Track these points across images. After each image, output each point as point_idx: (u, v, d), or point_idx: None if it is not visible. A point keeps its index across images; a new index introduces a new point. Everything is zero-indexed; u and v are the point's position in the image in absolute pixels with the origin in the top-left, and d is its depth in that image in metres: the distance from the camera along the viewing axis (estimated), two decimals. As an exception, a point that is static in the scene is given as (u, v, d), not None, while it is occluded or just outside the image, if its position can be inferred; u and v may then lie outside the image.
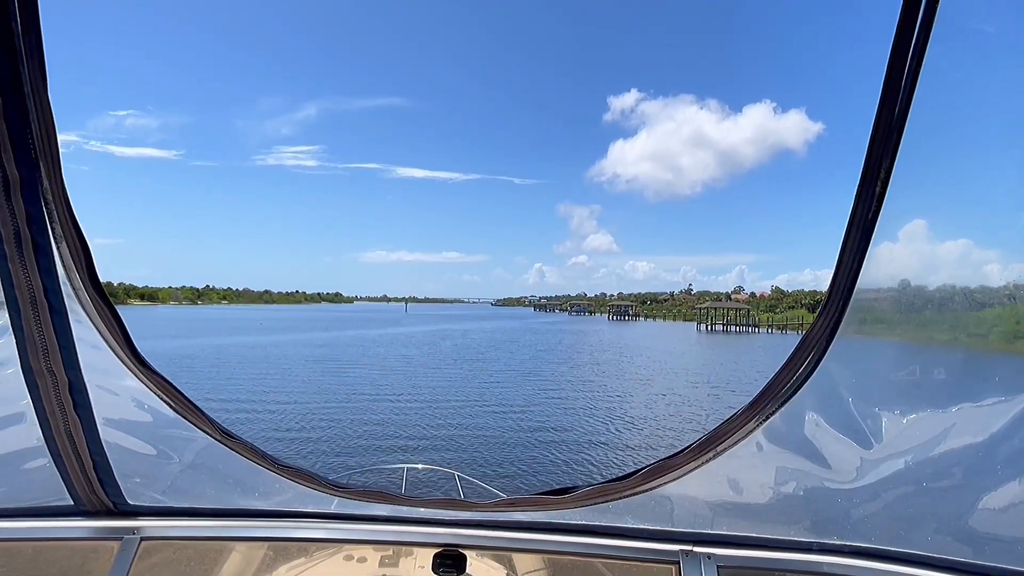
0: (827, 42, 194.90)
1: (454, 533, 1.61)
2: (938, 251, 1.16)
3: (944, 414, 1.26)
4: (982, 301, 1.16)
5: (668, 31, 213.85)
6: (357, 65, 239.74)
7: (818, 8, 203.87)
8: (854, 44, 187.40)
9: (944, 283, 1.18)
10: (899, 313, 1.26)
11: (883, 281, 1.19)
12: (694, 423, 14.50)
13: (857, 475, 1.36)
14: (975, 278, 1.14)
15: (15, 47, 0.97)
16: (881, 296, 1.22)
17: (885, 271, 1.16)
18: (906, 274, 1.20)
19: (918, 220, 1.13)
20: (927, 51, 0.95)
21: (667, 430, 13.86)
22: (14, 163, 1.05)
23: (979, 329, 1.19)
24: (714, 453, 1.40)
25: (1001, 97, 1.07)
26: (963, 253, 1.13)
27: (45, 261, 1.18)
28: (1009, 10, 1.04)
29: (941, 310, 1.21)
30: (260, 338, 42.45)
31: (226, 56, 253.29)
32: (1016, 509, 1.17)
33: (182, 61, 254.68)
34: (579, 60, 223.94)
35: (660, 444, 12.29)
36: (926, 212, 1.14)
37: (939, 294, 1.20)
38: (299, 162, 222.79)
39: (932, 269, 1.17)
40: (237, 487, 1.73)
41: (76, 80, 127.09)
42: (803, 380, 1.28)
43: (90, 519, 1.60)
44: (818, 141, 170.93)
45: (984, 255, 1.13)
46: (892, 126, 1.00)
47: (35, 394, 1.33)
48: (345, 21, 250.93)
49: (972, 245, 1.14)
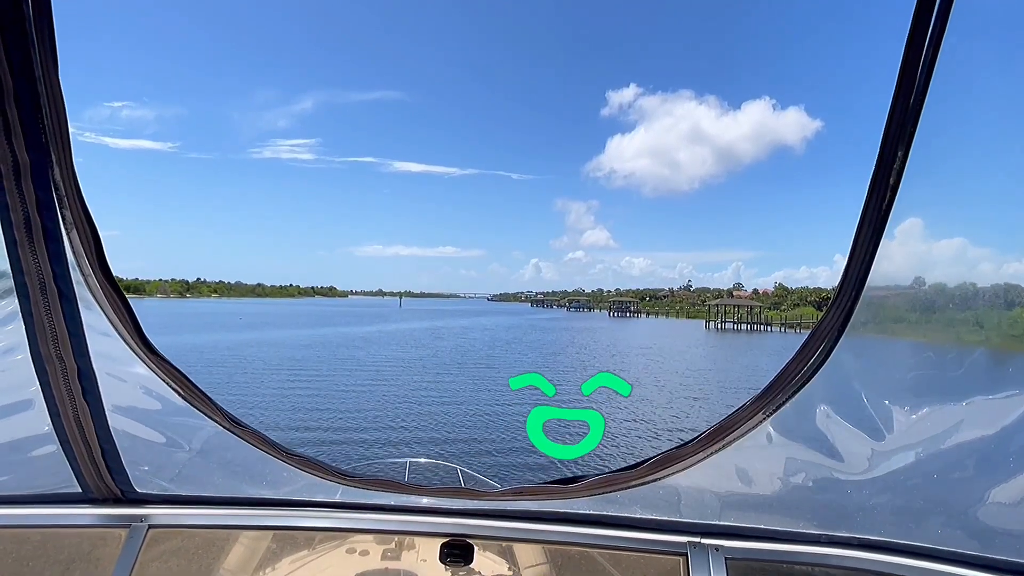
0: (829, 40, 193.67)
1: (460, 523, 1.62)
2: (943, 249, 1.16)
3: (955, 407, 1.26)
4: (995, 299, 1.15)
5: (668, 26, 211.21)
6: (354, 58, 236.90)
7: (822, 6, 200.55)
8: (856, 42, 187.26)
9: (957, 281, 1.18)
10: (911, 307, 1.26)
11: (894, 275, 1.19)
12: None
13: (867, 467, 1.36)
14: (989, 277, 1.14)
15: (27, 31, 0.97)
16: (892, 290, 1.22)
17: (897, 266, 1.16)
18: (916, 269, 1.20)
19: (914, 219, 1.13)
20: (943, 42, 0.95)
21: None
22: (25, 148, 1.05)
23: (994, 325, 1.19)
24: (723, 444, 1.40)
25: (1016, 93, 1.06)
26: (971, 252, 1.13)
27: (55, 247, 1.18)
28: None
29: (954, 306, 1.21)
30: (238, 335, 37.75)
31: (223, 48, 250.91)
32: None
33: (178, 53, 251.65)
34: (578, 55, 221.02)
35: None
36: (928, 209, 1.14)
37: (952, 290, 1.20)
38: (295, 155, 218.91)
39: (942, 265, 1.17)
40: (245, 476, 1.73)
41: (71, 71, 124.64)
42: (814, 371, 1.29)
43: (98, 506, 1.61)
44: (817, 139, 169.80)
45: (985, 253, 1.13)
46: (906, 118, 1.01)
47: (44, 380, 1.34)
48: (342, 13, 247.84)
49: (978, 245, 1.14)
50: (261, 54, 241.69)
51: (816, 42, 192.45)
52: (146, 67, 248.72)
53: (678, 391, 19.22)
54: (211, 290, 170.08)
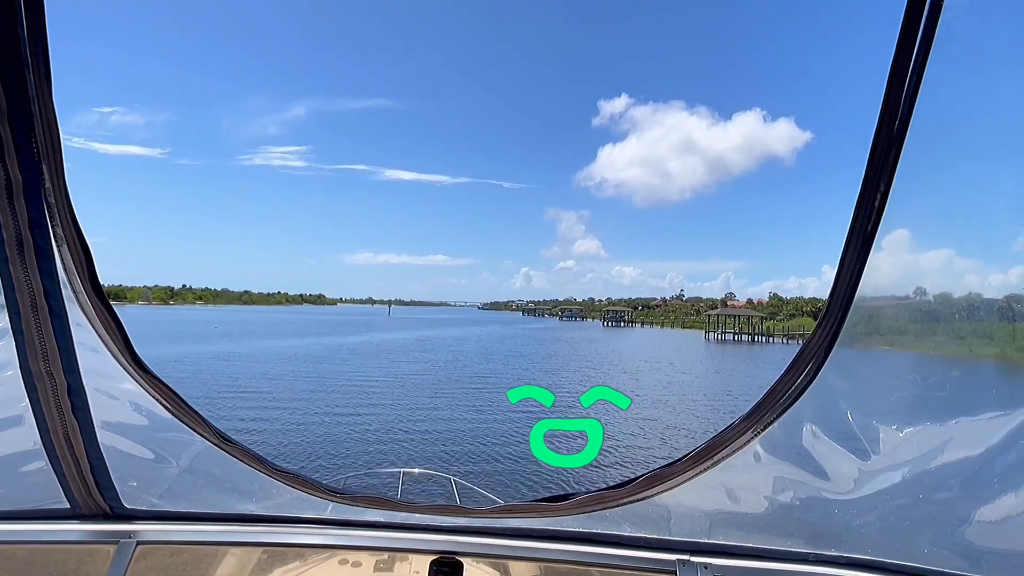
0: (820, 52, 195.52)
1: (450, 540, 1.62)
2: (931, 263, 1.17)
3: (942, 426, 1.27)
4: (980, 312, 1.17)
5: (660, 37, 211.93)
6: (346, 66, 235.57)
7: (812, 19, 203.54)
8: (846, 54, 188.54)
9: (941, 293, 1.20)
10: (898, 325, 1.29)
11: (882, 293, 1.21)
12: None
13: (854, 486, 1.37)
14: (973, 288, 1.15)
15: (21, 53, 1.00)
16: (880, 308, 1.25)
17: (884, 282, 1.18)
18: (904, 286, 1.22)
19: (901, 230, 1.14)
20: (927, 66, 0.98)
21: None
22: (17, 167, 1.08)
23: (981, 342, 1.21)
24: (712, 462, 1.42)
25: (1001, 111, 1.10)
26: (959, 266, 1.15)
27: (46, 264, 1.19)
28: (1010, 27, 1.06)
29: (941, 322, 1.24)
30: (210, 347, 34.16)
31: (214, 54, 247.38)
32: (1013, 522, 1.17)
33: (169, 58, 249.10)
34: (570, 64, 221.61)
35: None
36: (917, 223, 1.17)
37: (938, 306, 1.22)
38: (286, 162, 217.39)
39: (929, 281, 1.19)
40: (234, 492, 1.74)
41: (60, 76, 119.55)
42: (801, 390, 1.31)
43: (86, 522, 1.60)
44: (806, 150, 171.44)
45: (973, 265, 1.14)
46: (892, 139, 1.03)
47: (34, 397, 1.35)
48: (334, 21, 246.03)
49: (967, 259, 1.16)
50: (253, 61, 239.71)
51: (807, 54, 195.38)
52: (136, 72, 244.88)
53: (708, 414, 17.50)
54: (196, 297, 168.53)
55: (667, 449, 12.79)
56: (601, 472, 10.60)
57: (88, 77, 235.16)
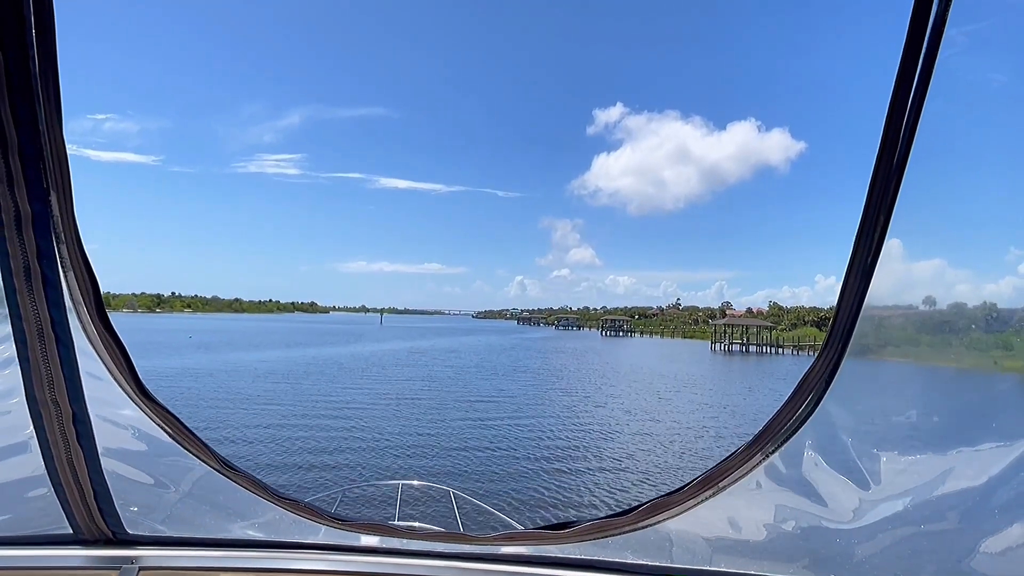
0: (814, 63, 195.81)
1: (450, 566, 1.61)
2: (925, 274, 1.19)
3: (943, 457, 1.26)
4: (987, 340, 1.17)
5: (655, 46, 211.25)
6: (341, 74, 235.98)
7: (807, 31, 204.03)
8: (840, 67, 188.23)
9: (944, 312, 1.19)
10: (904, 340, 1.27)
11: (882, 317, 1.21)
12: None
13: (855, 516, 1.36)
14: (976, 316, 1.15)
15: (32, 87, 1.01)
16: (880, 338, 1.24)
17: (884, 311, 1.19)
18: (906, 316, 1.22)
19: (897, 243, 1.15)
20: (925, 102, 1.00)
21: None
22: (27, 199, 1.09)
23: (984, 365, 1.20)
24: (714, 490, 1.42)
25: (999, 144, 1.11)
26: (964, 295, 1.15)
27: (53, 294, 1.20)
28: (1007, 65, 1.07)
29: (944, 348, 1.23)
30: (180, 361, 30.35)
31: (209, 62, 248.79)
32: (1015, 553, 1.16)
33: (164, 66, 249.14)
34: (565, 73, 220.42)
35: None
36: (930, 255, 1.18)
37: (940, 331, 1.22)
38: (281, 170, 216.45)
39: (927, 288, 1.19)
40: (236, 517, 1.74)
41: None
42: (803, 420, 1.30)
43: (89, 548, 1.60)
44: (800, 160, 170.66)
45: (982, 290, 1.15)
46: (890, 175, 1.05)
47: (39, 424, 1.35)
48: (329, 30, 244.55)
49: (968, 275, 1.16)
50: (248, 69, 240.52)
51: (802, 65, 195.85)
52: (131, 80, 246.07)
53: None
54: (185, 305, 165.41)
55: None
56: (601, 497, 10.51)
57: (82, 84, 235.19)
